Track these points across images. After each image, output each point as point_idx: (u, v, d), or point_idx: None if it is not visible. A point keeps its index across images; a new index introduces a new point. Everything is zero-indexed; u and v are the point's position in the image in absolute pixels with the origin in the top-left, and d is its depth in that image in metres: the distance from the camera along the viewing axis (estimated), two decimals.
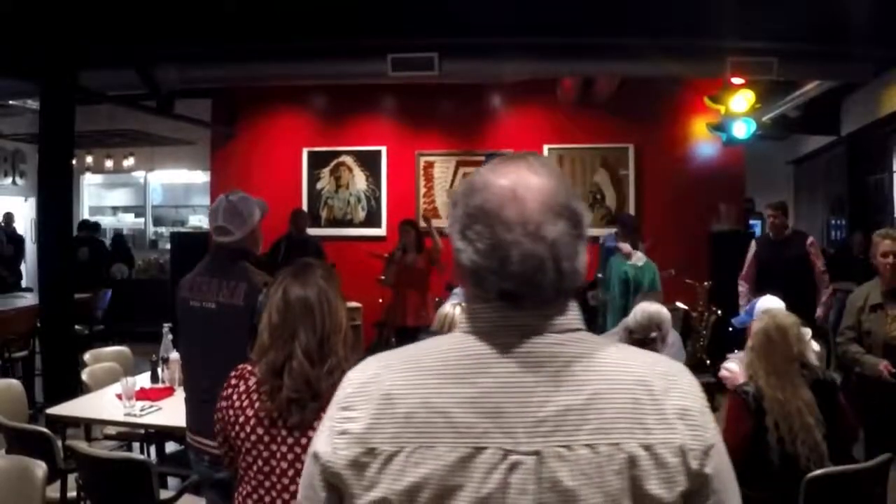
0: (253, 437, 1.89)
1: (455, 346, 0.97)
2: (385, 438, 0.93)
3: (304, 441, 1.84)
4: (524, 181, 0.96)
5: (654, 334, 3.15)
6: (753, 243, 6.16)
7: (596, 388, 0.92)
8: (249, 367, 1.97)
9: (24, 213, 11.40)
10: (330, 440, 0.97)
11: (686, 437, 0.92)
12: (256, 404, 1.89)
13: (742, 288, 5.95)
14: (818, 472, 2.76)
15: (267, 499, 1.88)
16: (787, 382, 2.83)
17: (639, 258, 5.94)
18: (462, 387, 0.93)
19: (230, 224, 2.72)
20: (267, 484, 1.87)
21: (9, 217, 10.52)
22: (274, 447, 1.86)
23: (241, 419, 1.90)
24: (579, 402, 0.91)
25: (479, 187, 0.98)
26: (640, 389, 0.93)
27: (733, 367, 3.32)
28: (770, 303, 3.64)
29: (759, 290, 5.21)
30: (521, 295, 0.95)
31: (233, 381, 1.98)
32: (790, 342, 2.89)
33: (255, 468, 1.89)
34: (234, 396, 1.94)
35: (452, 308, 3.70)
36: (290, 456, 1.85)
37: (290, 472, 1.84)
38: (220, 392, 1.99)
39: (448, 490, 0.90)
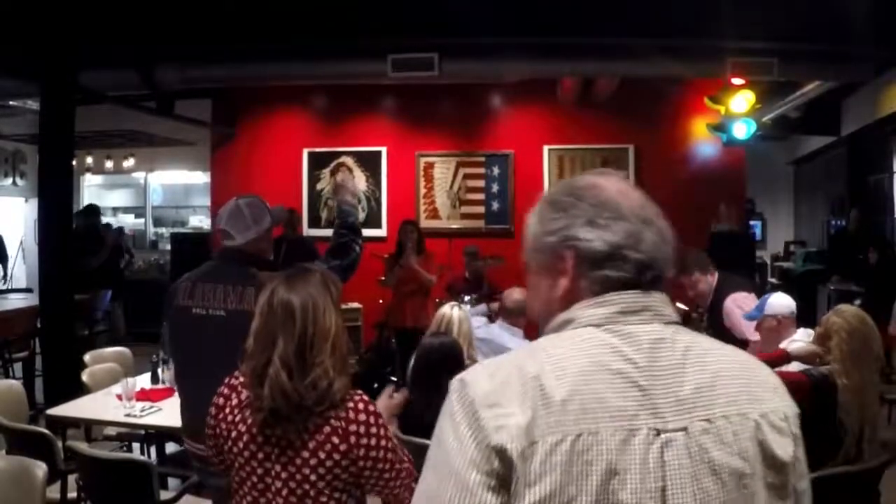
0: (246, 454, 1.84)
1: (589, 336, 1.02)
2: (546, 429, 0.94)
3: (298, 461, 1.79)
4: (618, 184, 1.11)
5: None
6: None
7: (716, 368, 1.02)
8: (242, 380, 1.91)
9: (24, 213, 11.40)
10: (491, 437, 0.95)
11: (786, 405, 1.05)
12: (248, 420, 1.85)
13: None
14: (818, 473, 2.77)
15: None
16: (870, 375, 2.89)
17: None
18: (606, 373, 0.98)
19: (232, 228, 2.64)
20: (262, 501, 1.83)
21: None
22: (268, 465, 1.82)
23: (234, 434, 1.86)
24: (707, 380, 1.00)
25: (590, 186, 1.10)
26: (744, 367, 1.05)
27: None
28: (783, 299, 3.66)
29: None
30: (651, 266, 1.06)
31: (225, 392, 1.93)
32: (877, 334, 2.98)
33: (248, 484, 1.86)
34: (227, 410, 1.89)
35: (451, 309, 3.69)
36: (283, 475, 1.80)
37: (284, 492, 1.80)
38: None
39: (613, 473, 0.94)
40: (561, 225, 1.08)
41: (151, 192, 12.22)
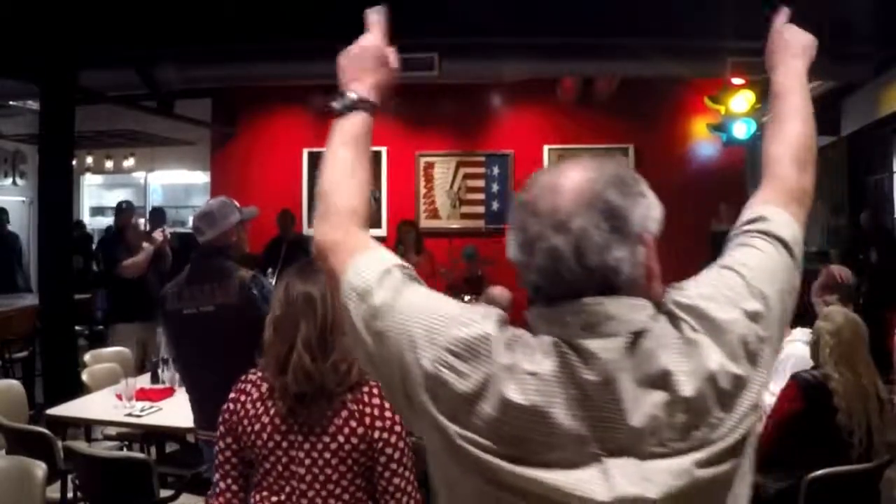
0: (270, 444, 1.87)
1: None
2: None
3: (319, 446, 1.82)
4: (567, 174, 0.94)
5: None
6: None
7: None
8: (260, 374, 1.93)
9: (24, 213, 11.39)
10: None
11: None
12: (272, 410, 1.87)
13: None
14: (819, 472, 2.77)
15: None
16: (870, 376, 2.94)
17: None
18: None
19: (201, 224, 2.95)
20: (287, 489, 1.85)
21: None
22: (292, 452, 1.85)
23: (257, 427, 1.88)
24: None
25: (530, 183, 0.98)
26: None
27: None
28: None
29: None
30: (547, 290, 0.91)
31: (246, 388, 1.94)
32: (865, 335, 3.05)
33: (273, 475, 1.87)
34: (249, 405, 1.91)
35: None
36: (307, 461, 1.83)
37: (308, 478, 1.83)
38: (226, 390, 1.97)
39: None
40: None
41: (151, 191, 12.21)
